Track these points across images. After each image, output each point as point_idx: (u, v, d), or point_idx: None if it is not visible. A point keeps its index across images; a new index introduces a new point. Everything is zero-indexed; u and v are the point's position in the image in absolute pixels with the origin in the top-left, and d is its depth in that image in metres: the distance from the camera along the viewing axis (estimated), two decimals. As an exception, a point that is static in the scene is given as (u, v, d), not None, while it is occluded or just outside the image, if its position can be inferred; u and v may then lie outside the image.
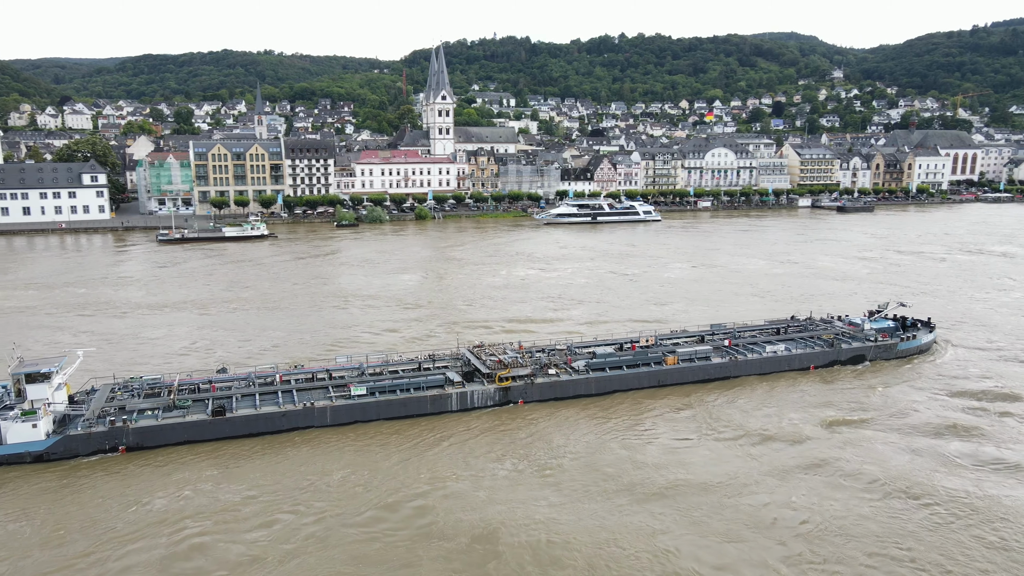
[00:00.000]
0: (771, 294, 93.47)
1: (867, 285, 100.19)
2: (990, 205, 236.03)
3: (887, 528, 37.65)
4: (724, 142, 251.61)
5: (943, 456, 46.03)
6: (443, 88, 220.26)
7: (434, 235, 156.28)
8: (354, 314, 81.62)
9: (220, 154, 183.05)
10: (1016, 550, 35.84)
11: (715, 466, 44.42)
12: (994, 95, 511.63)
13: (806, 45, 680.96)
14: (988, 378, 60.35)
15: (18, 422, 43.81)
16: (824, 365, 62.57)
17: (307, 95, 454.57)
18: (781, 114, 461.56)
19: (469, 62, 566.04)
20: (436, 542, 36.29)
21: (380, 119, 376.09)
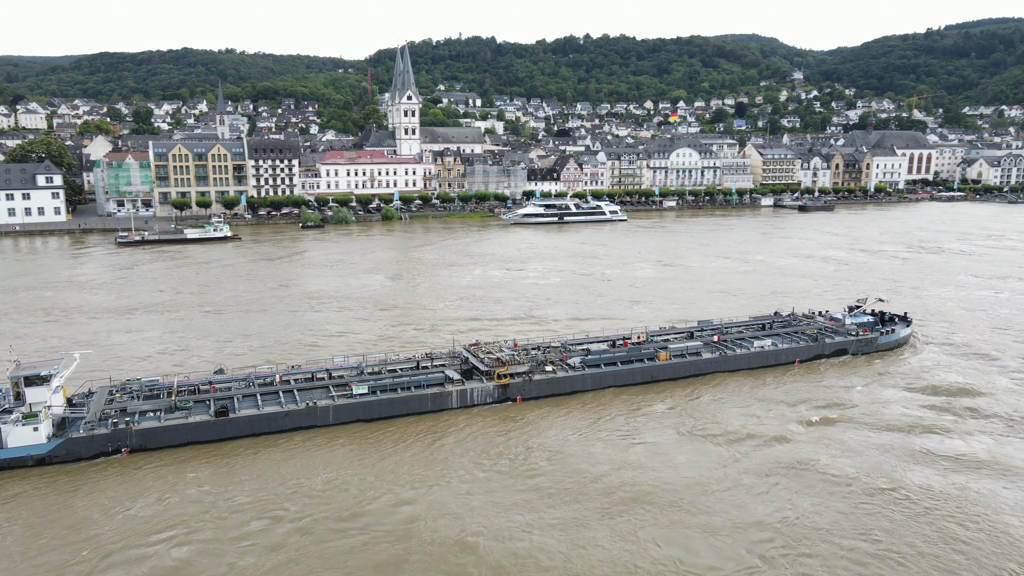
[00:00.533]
0: (743, 292, 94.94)
1: (835, 282, 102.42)
2: (944, 204, 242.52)
3: (859, 521, 38.53)
4: (688, 142, 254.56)
5: (920, 448, 47.35)
6: (409, 88, 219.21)
7: (402, 236, 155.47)
8: (330, 316, 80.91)
9: (181, 154, 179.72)
10: (979, 542, 36.94)
11: (700, 462, 45.26)
12: (947, 96, 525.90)
13: (767, 47, 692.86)
14: (962, 370, 62.50)
15: (19, 426, 43.50)
16: (809, 359, 64.48)
17: (270, 95, 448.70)
18: (743, 115, 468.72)
19: (435, 62, 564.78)
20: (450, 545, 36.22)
21: (345, 119, 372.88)
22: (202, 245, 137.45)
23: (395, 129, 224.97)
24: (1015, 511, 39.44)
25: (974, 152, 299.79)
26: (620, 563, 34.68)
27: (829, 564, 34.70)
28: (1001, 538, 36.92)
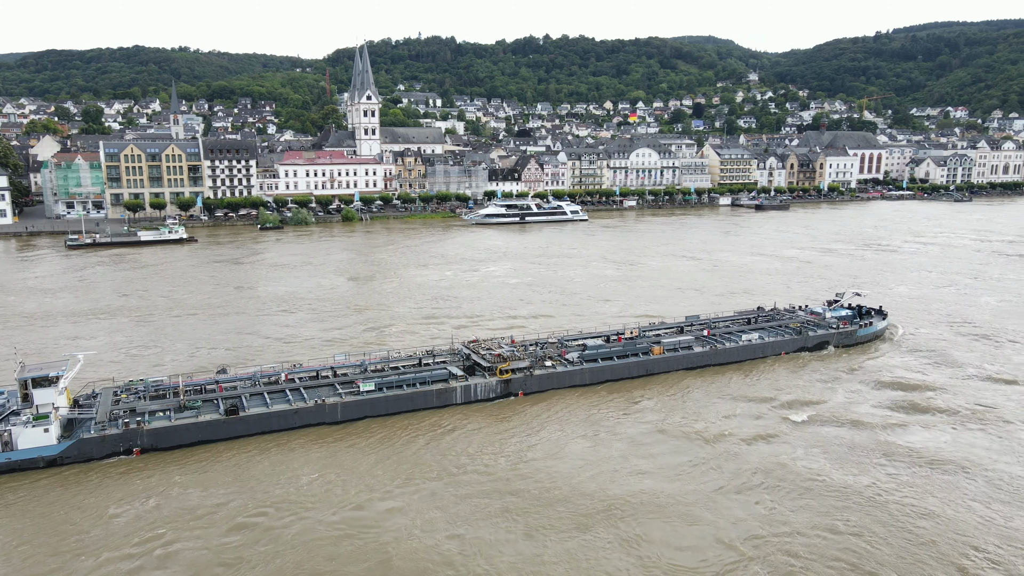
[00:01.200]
0: (711, 290, 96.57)
1: (800, 279, 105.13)
2: (894, 203, 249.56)
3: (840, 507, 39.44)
4: (648, 142, 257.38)
5: (904, 435, 49.47)
6: (368, 88, 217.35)
7: (364, 237, 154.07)
8: (301, 318, 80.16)
9: (133, 155, 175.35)
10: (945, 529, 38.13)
11: (687, 454, 46.58)
12: (896, 98, 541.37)
13: (723, 49, 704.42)
14: (934, 360, 65.40)
15: (29, 427, 43.22)
16: (793, 351, 66.88)
17: (226, 94, 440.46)
18: (701, 115, 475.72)
19: (394, 62, 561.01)
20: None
21: (303, 119, 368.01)
22: (157, 247, 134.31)
23: (355, 129, 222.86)
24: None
25: (922, 152, 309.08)
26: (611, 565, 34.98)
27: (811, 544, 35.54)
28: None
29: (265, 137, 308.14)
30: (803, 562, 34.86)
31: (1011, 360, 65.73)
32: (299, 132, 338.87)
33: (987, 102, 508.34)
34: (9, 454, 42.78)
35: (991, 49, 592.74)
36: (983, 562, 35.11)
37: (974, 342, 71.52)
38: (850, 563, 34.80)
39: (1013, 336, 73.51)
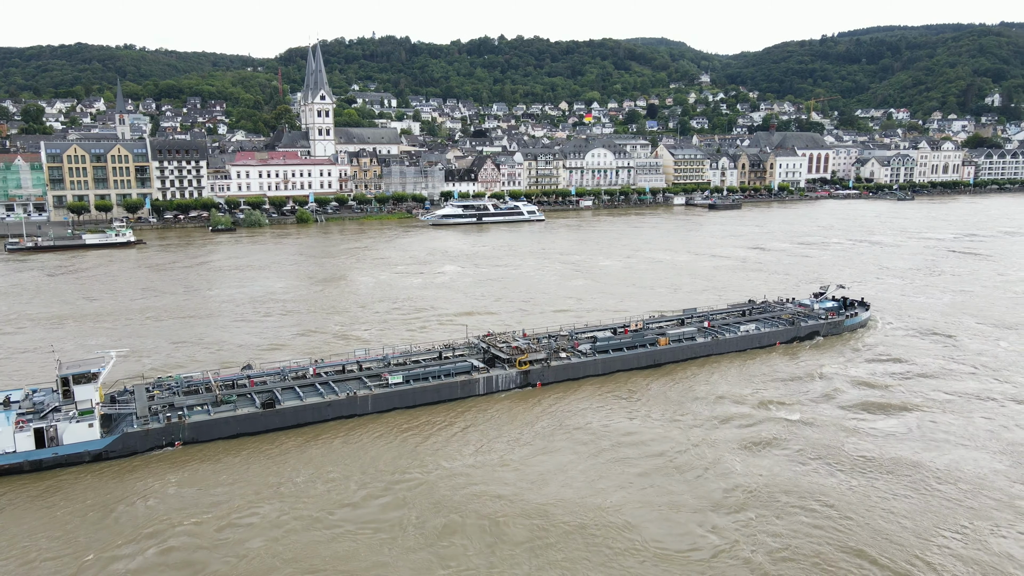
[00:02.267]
0: (682, 287, 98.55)
1: (764, 274, 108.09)
2: (841, 201, 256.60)
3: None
4: (603, 143, 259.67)
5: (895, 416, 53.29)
6: (321, 88, 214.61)
7: (320, 238, 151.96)
8: (283, 320, 78.74)
9: (77, 155, 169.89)
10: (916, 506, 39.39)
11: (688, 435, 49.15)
12: (842, 100, 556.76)
13: (676, 50, 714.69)
14: (917, 347, 69.81)
15: (75, 422, 43.84)
16: (787, 341, 70.60)
17: (174, 93, 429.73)
18: (655, 116, 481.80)
19: (348, 61, 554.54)
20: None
21: (255, 119, 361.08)
22: (103, 251, 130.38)
23: (308, 129, 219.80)
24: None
25: (867, 152, 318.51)
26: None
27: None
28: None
29: (216, 137, 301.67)
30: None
31: (979, 342, 71.16)
32: (251, 132, 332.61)
33: (927, 104, 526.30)
34: (56, 449, 43.35)
35: (930, 53, 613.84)
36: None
37: (946, 329, 75.86)
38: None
39: (977, 322, 78.90)
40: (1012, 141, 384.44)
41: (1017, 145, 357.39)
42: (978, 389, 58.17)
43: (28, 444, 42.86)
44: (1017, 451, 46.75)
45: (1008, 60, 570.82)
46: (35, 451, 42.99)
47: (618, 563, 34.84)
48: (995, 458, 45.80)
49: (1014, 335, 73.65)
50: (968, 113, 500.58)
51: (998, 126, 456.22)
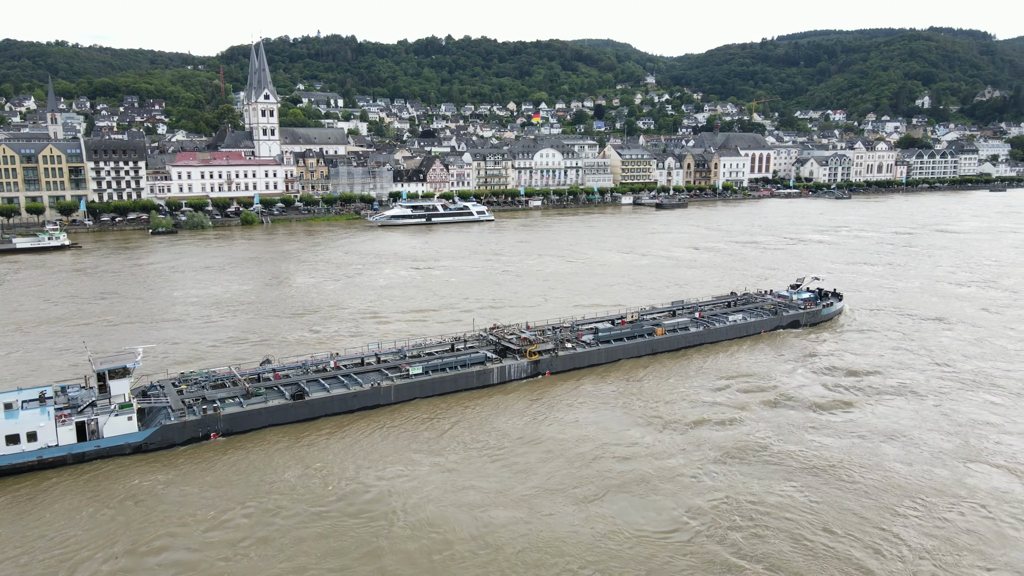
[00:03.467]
0: (641, 284, 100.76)
1: (721, 271, 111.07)
2: (783, 200, 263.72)
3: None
4: (551, 143, 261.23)
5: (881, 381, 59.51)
6: (265, 87, 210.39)
7: (267, 240, 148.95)
8: (234, 322, 76.90)
9: (6, 156, 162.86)
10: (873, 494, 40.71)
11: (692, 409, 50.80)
12: (782, 101, 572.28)
13: (621, 52, 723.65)
14: (893, 332, 74.95)
15: (114, 416, 45.22)
16: (771, 330, 74.72)
17: (110, 91, 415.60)
18: (602, 116, 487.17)
19: (292, 60, 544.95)
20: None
21: (197, 119, 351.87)
22: (35, 255, 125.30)
23: (252, 129, 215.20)
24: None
25: (806, 153, 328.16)
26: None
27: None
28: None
29: (155, 137, 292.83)
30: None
31: (941, 324, 78.06)
32: (192, 132, 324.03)
33: (862, 106, 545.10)
34: (97, 442, 44.69)
35: (864, 56, 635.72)
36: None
37: (910, 316, 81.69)
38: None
39: (935, 309, 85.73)
40: (941, 142, 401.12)
41: (945, 146, 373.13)
42: (934, 373, 62.28)
43: (70, 438, 44.10)
44: (964, 431, 49.88)
45: (937, 64, 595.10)
46: (77, 444, 44.22)
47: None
48: (946, 439, 48.86)
49: (962, 325, 78.05)
50: (900, 115, 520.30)
51: (928, 127, 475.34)
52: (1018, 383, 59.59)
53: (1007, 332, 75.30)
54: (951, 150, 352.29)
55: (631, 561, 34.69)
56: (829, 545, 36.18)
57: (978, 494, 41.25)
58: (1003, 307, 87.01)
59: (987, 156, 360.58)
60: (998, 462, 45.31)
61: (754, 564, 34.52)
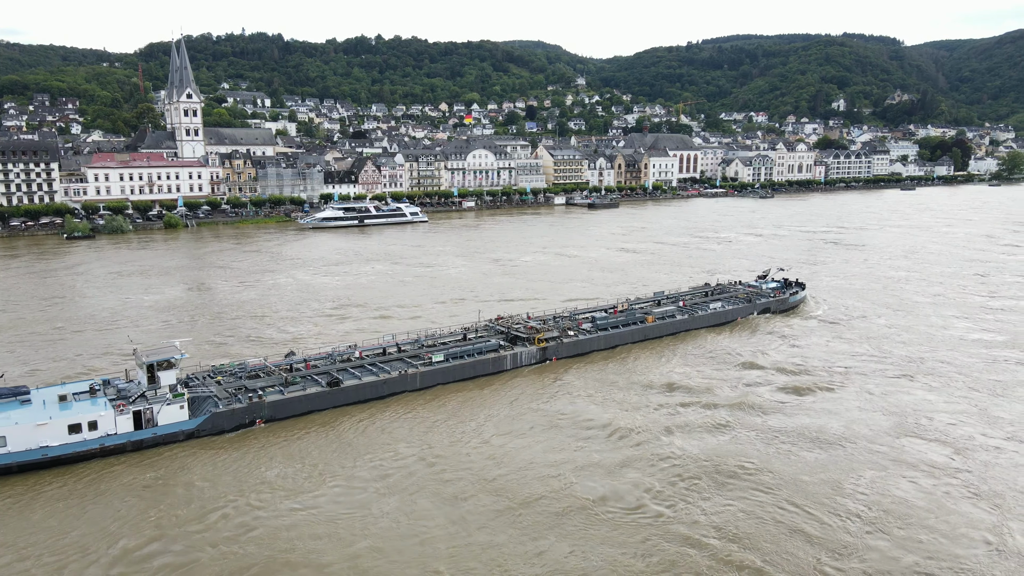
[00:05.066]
0: (593, 279, 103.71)
1: (669, 266, 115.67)
2: (710, 199, 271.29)
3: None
4: (484, 144, 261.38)
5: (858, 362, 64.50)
6: (188, 85, 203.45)
7: (192, 244, 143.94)
8: (205, 325, 73.29)
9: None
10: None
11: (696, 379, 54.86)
12: (707, 103, 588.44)
13: (552, 53, 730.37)
14: (854, 318, 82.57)
15: (167, 405, 47.49)
16: (746, 316, 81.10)
17: (18, 89, 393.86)
18: (534, 117, 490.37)
19: (216, 58, 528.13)
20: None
21: (114, 118, 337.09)
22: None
23: (175, 129, 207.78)
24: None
25: (731, 153, 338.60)
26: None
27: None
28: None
29: (69, 138, 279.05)
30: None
31: (882, 318, 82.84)
32: (110, 132, 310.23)
33: (783, 108, 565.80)
34: (154, 429, 47.03)
35: (784, 60, 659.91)
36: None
37: (863, 303, 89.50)
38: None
39: (880, 296, 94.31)
40: (855, 143, 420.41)
41: (860, 147, 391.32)
42: (875, 358, 67.35)
43: (128, 426, 46.33)
44: (898, 411, 53.50)
45: (851, 68, 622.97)
46: (135, 432, 46.48)
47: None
48: (885, 418, 52.58)
49: (902, 313, 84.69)
50: (818, 117, 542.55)
51: (844, 129, 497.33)
52: (951, 352, 67.27)
53: (941, 312, 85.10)
54: (865, 151, 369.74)
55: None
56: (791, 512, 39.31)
57: (919, 467, 44.63)
58: (937, 293, 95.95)
59: (898, 156, 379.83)
60: (931, 436, 49.08)
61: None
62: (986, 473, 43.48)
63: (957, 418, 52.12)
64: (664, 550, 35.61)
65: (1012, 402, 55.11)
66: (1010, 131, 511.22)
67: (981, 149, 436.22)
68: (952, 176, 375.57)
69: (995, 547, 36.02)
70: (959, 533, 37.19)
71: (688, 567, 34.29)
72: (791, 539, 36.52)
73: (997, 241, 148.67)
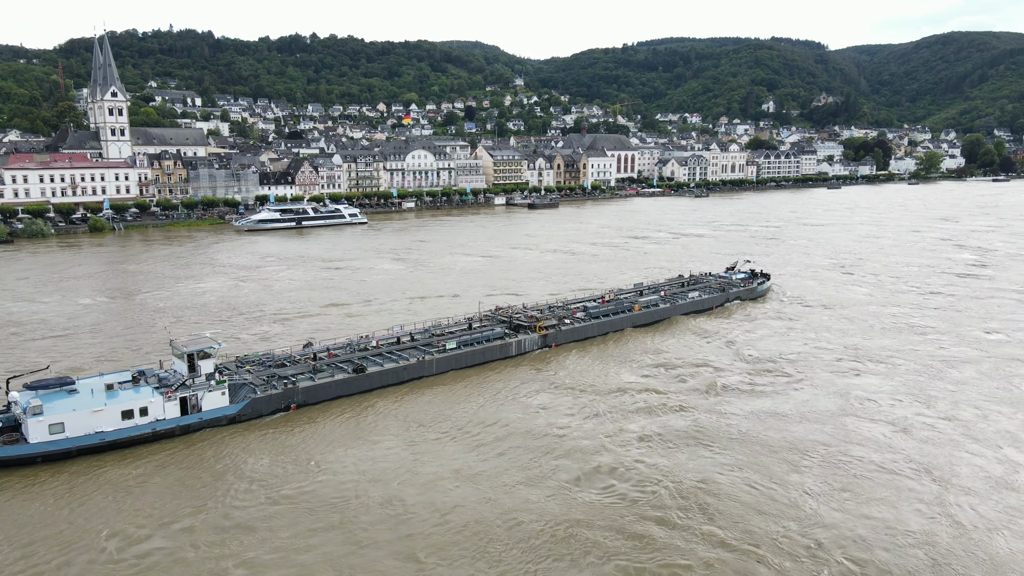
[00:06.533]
0: (548, 278, 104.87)
1: (617, 263, 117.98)
2: (648, 199, 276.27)
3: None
4: (423, 144, 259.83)
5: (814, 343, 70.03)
6: (112, 83, 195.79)
7: (120, 248, 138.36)
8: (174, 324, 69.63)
9: None
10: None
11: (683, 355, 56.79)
12: (644, 104, 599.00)
13: (490, 54, 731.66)
14: (814, 303, 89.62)
15: (211, 391, 50.13)
16: (721, 304, 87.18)
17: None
18: (473, 118, 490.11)
19: (143, 56, 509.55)
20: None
21: (33, 117, 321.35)
22: None
23: (99, 129, 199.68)
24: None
25: (667, 153, 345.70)
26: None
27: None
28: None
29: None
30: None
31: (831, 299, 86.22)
32: (28, 132, 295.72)
33: (715, 109, 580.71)
34: (199, 415, 49.73)
35: (716, 63, 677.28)
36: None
37: (817, 289, 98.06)
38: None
39: (833, 286, 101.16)
40: (785, 143, 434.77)
41: (789, 147, 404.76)
42: (819, 342, 72.43)
43: (175, 411, 48.93)
44: (844, 392, 56.98)
45: (779, 71, 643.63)
46: (182, 417, 49.07)
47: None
48: (831, 399, 55.77)
49: (851, 305, 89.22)
50: (749, 118, 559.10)
51: (773, 130, 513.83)
52: (894, 339, 71.72)
53: (886, 299, 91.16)
54: (794, 151, 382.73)
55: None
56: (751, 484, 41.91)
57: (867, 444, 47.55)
58: (878, 282, 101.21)
59: (824, 156, 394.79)
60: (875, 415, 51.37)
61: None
62: (925, 448, 46.69)
63: (897, 399, 55.80)
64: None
65: (946, 383, 59.33)
66: (927, 132, 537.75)
67: (901, 149, 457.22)
68: (875, 175, 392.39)
69: (939, 514, 38.81)
70: (904, 504, 39.80)
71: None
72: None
73: (925, 235, 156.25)
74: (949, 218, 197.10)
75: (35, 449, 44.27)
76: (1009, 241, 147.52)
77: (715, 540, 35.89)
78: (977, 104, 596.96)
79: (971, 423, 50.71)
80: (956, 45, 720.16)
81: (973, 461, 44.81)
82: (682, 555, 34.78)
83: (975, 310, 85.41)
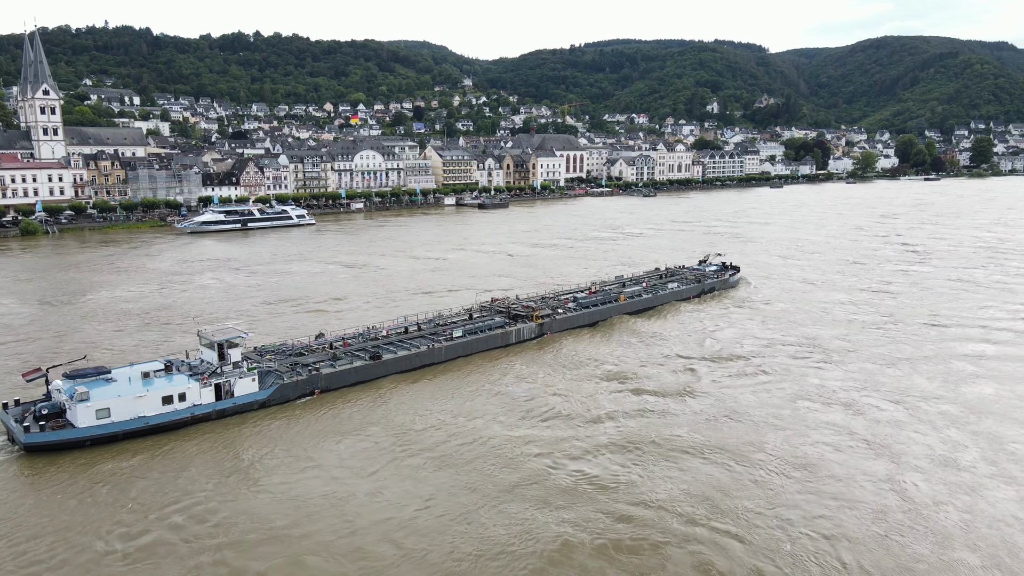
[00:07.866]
0: (514, 275, 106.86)
1: (576, 261, 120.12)
2: (596, 198, 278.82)
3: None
4: (371, 145, 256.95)
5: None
6: (44, 81, 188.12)
7: (54, 253, 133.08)
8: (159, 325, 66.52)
9: None
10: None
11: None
12: (592, 105, 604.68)
13: (438, 54, 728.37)
14: (781, 293, 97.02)
15: (242, 378, 52.84)
16: (698, 295, 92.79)
17: None
18: (422, 118, 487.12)
19: (76, 53, 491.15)
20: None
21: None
22: None
23: (30, 129, 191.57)
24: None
25: (615, 154, 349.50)
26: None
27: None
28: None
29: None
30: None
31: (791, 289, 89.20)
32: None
33: (662, 110, 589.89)
34: (233, 400, 52.44)
35: (662, 65, 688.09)
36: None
37: (781, 282, 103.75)
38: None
39: (793, 275, 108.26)
40: (729, 144, 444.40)
41: (733, 147, 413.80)
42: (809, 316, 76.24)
43: (210, 397, 51.57)
44: (799, 383, 59.91)
45: (722, 73, 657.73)
46: (216, 403, 51.66)
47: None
48: (794, 384, 59.70)
49: (811, 294, 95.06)
50: (694, 119, 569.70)
51: (718, 130, 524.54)
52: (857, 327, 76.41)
53: (840, 289, 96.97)
54: (737, 151, 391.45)
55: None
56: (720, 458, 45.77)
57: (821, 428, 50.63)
58: (832, 273, 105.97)
59: (766, 156, 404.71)
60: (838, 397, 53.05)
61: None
62: (877, 430, 49.97)
63: (852, 384, 59.25)
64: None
65: (898, 369, 63.45)
66: (863, 133, 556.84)
67: (839, 150, 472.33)
68: (815, 175, 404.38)
69: (892, 489, 41.79)
70: (858, 482, 42.69)
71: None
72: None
73: (868, 231, 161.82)
74: (888, 215, 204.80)
75: (83, 433, 46.39)
76: (945, 237, 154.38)
77: (685, 517, 38.22)
78: (909, 106, 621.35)
79: (917, 406, 54.13)
80: (889, 49, 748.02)
81: (922, 440, 48.14)
82: (658, 531, 37.27)
83: (920, 301, 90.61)
